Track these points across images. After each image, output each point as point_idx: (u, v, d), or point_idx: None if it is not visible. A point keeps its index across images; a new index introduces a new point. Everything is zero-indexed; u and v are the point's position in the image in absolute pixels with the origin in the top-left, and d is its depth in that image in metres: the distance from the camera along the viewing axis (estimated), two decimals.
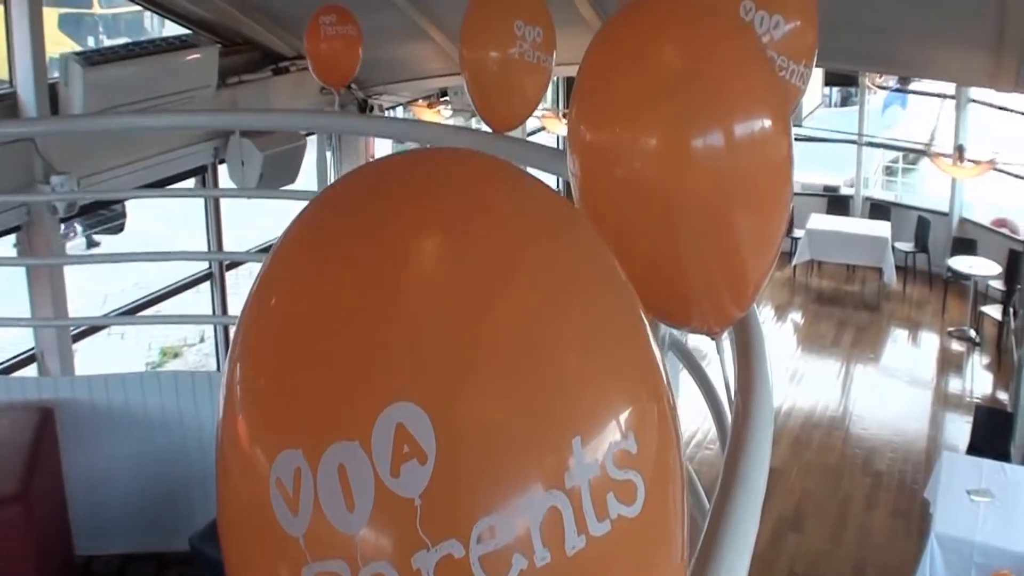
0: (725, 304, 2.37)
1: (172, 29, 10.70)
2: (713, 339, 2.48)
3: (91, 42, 19.54)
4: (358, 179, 1.28)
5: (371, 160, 1.30)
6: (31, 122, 7.93)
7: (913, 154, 20.71)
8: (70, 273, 9.19)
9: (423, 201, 1.17)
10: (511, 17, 5.19)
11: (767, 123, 2.20)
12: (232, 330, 8.24)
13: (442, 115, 13.71)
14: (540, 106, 5.84)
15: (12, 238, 8.44)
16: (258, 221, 12.77)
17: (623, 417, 1.14)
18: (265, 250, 11.33)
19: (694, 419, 10.41)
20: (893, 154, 21.43)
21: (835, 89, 24.70)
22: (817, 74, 16.16)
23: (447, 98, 13.69)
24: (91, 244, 19.25)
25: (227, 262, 10.88)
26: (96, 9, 18.60)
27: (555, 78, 14.12)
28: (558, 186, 8.14)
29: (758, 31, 3.44)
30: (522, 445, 1.07)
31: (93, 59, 8.49)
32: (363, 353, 1.07)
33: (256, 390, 1.14)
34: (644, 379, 1.22)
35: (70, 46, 18.27)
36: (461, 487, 1.04)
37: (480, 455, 1.05)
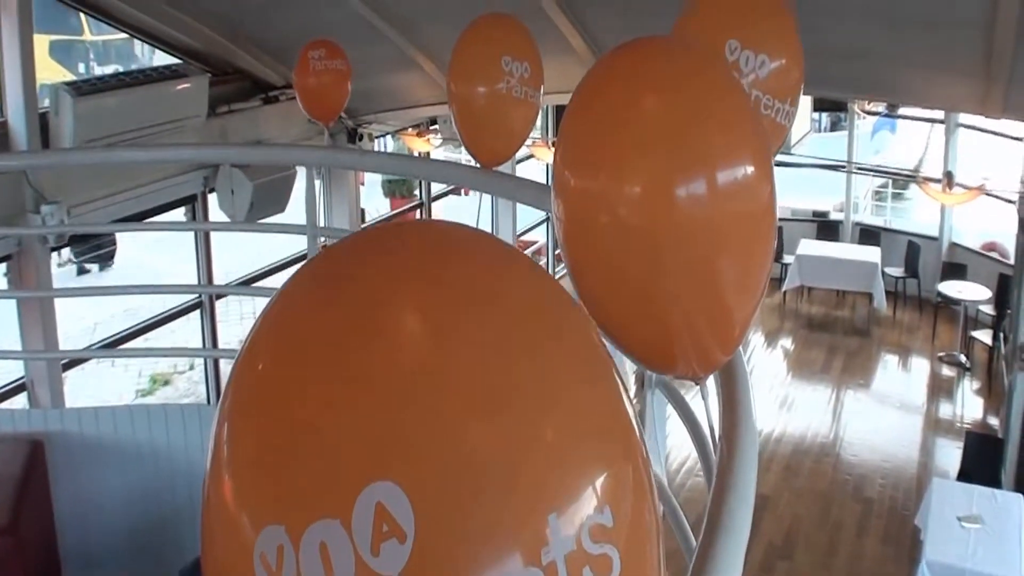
0: (710, 349, 2.37)
1: (162, 58, 10.72)
2: (698, 384, 2.49)
3: (82, 69, 19.56)
4: (338, 256, 1.29)
5: (343, 239, 1.30)
6: (21, 155, 7.93)
7: (903, 179, 20.78)
8: (60, 299, 9.18)
9: (401, 283, 1.19)
10: (499, 53, 5.21)
11: (750, 169, 2.22)
12: (222, 363, 8.26)
13: (431, 144, 13.74)
14: (529, 134, 5.86)
15: (2, 267, 8.43)
16: (249, 246, 12.80)
17: (598, 489, 1.16)
18: (254, 280, 11.41)
19: (685, 446, 10.39)
20: (883, 179, 21.50)
21: (824, 114, 24.81)
22: (805, 100, 16.24)
23: (436, 127, 13.71)
24: (82, 271, 19.26)
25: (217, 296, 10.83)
26: (87, 36, 18.62)
27: (545, 107, 14.19)
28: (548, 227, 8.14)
29: (743, 70, 3.47)
30: (500, 523, 1.08)
31: (83, 89, 8.49)
32: (344, 432, 1.09)
33: (242, 463, 1.15)
34: (618, 445, 1.24)
35: (61, 73, 18.29)
36: (440, 566, 1.05)
37: (458, 534, 1.06)
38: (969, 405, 14.25)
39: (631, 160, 2.18)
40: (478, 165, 5.51)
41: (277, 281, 12.63)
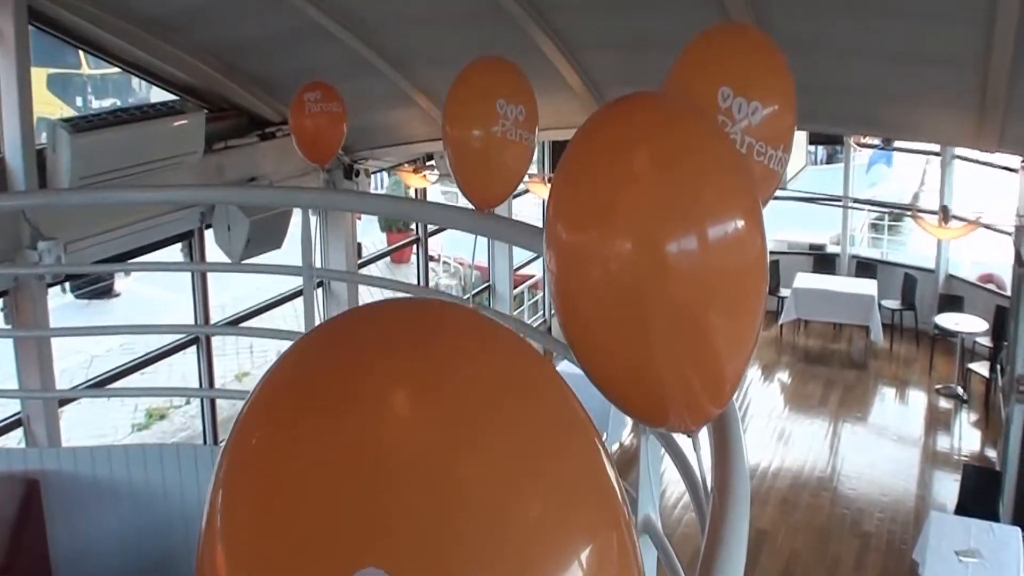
0: (702, 403, 2.38)
1: (160, 93, 10.75)
2: (690, 437, 2.49)
3: (79, 102, 19.62)
4: (326, 339, 1.30)
5: (335, 317, 1.32)
6: (18, 196, 7.95)
7: (899, 212, 20.84)
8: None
9: (385, 364, 1.19)
10: (494, 96, 5.23)
11: (740, 224, 2.23)
12: (218, 400, 8.24)
13: (428, 180, 13.74)
14: (524, 176, 5.88)
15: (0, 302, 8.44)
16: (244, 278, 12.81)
17: (584, 561, 1.17)
18: (250, 316, 11.41)
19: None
20: (879, 209, 21.56)
21: (820, 147, 24.91)
22: (801, 134, 16.29)
23: (432, 162, 13.72)
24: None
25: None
26: (85, 70, 18.69)
27: (542, 143, 14.22)
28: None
29: (736, 117, 3.48)
30: None
31: (80, 126, 8.51)
32: (334, 518, 1.09)
33: (233, 543, 1.15)
34: (602, 514, 1.25)
35: (58, 106, 18.37)
36: None
37: None
38: (967, 437, 14.24)
39: (622, 216, 2.19)
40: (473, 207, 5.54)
41: (272, 319, 12.67)
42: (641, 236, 2.17)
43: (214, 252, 10.56)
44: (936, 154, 17.97)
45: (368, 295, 20.19)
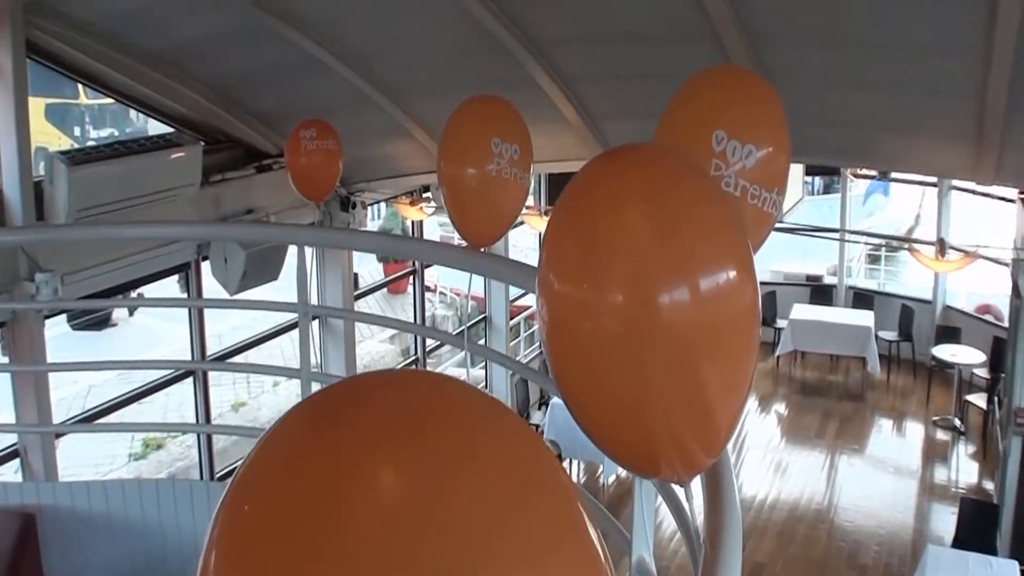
0: (694, 453, 2.37)
1: (157, 125, 10.78)
2: (682, 486, 2.49)
3: (77, 132, 19.66)
4: (322, 410, 1.32)
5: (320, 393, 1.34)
6: (15, 231, 7.97)
7: (896, 243, 20.87)
8: (55, 358, 9.16)
9: (380, 444, 1.21)
10: (489, 135, 5.24)
11: (732, 275, 2.23)
12: (214, 436, 8.23)
13: (425, 212, 13.74)
14: (519, 214, 5.89)
15: None
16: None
17: None
18: (246, 348, 11.41)
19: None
20: (876, 241, 21.60)
21: (817, 177, 24.97)
22: (797, 166, 16.34)
23: (429, 194, 13.74)
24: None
25: (210, 358, 10.84)
26: (83, 100, 18.74)
27: (538, 175, 14.25)
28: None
29: (730, 160, 3.49)
30: None
31: (77, 158, 8.52)
32: None
33: None
34: None
35: (56, 136, 18.41)
36: None
37: None
38: (964, 470, 14.24)
39: (614, 269, 2.19)
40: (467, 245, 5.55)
41: (269, 348, 12.66)
42: (632, 289, 2.17)
43: (210, 283, 10.57)
44: (933, 184, 18.00)
45: (366, 327, 20.23)
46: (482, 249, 5.50)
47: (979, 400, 15.28)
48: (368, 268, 21.92)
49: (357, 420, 1.25)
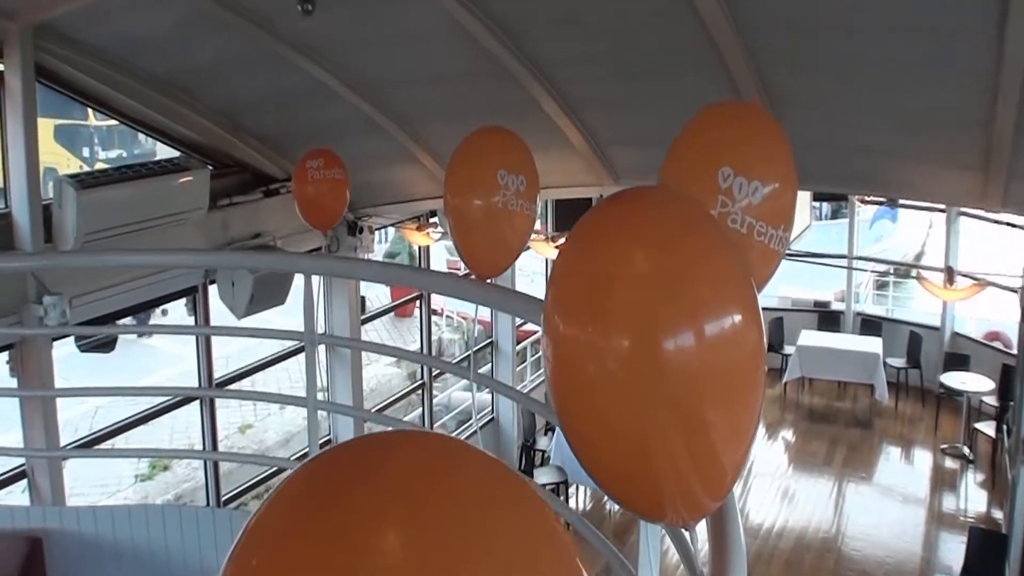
0: (699, 498, 2.36)
1: (165, 148, 10.80)
2: (687, 531, 2.47)
3: (85, 153, 19.71)
4: (325, 473, 1.33)
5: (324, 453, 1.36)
6: (23, 257, 8.01)
7: (903, 270, 20.85)
8: (62, 381, 9.18)
9: (385, 509, 1.21)
10: (495, 167, 5.25)
11: (737, 319, 2.22)
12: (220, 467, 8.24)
13: (431, 237, 13.74)
14: (525, 246, 5.89)
15: (4, 355, 8.44)
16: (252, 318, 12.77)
17: None
18: (252, 372, 11.41)
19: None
20: (884, 266, 21.57)
21: (825, 203, 24.96)
22: (805, 192, 16.32)
23: (435, 219, 13.74)
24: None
25: (217, 385, 10.83)
26: (91, 121, 18.79)
27: (545, 200, 14.25)
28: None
29: (736, 197, 3.48)
30: None
31: (86, 182, 8.55)
32: None
33: None
34: None
35: (65, 156, 18.45)
36: None
37: None
38: (973, 498, 14.16)
39: (620, 313, 2.19)
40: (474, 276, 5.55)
41: (276, 371, 12.67)
42: (638, 333, 2.16)
43: (218, 307, 10.57)
44: (941, 210, 17.97)
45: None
46: (488, 280, 5.51)
47: (988, 428, 15.23)
48: (375, 291, 21.93)
49: (367, 485, 1.25)
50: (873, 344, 17.31)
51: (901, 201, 19.52)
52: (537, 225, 16.90)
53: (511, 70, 8.48)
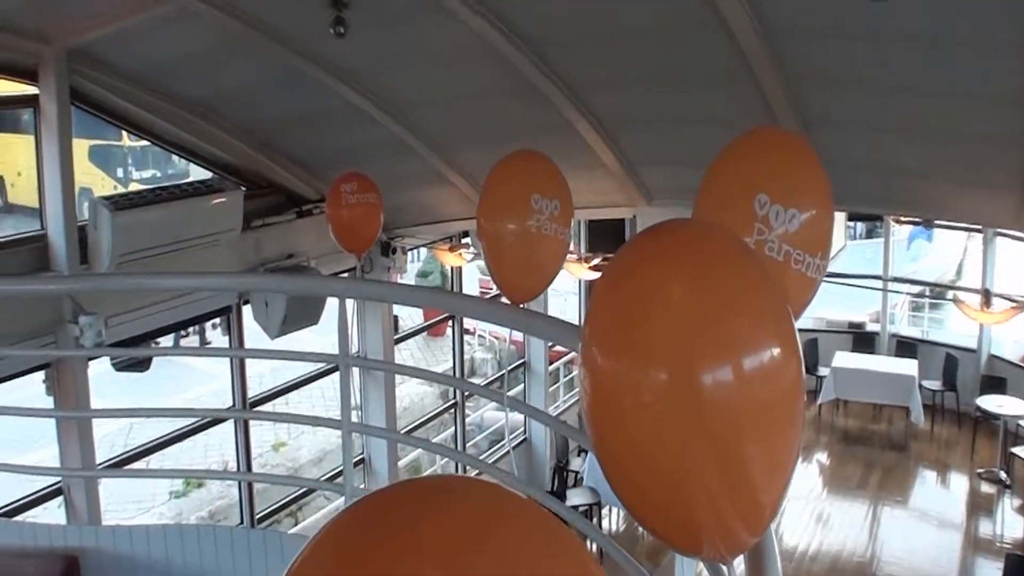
0: (737, 533, 2.33)
1: (198, 170, 10.86)
2: (725, 566, 2.44)
3: (120, 173, 19.84)
4: (364, 523, 1.33)
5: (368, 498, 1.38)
6: (57, 279, 8.09)
7: (939, 291, 20.68)
8: (97, 397, 9.25)
9: (427, 559, 1.21)
10: (528, 191, 5.24)
11: (776, 353, 2.19)
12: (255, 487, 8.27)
13: (464, 258, 13.73)
14: (559, 270, 5.89)
15: (41, 374, 8.51)
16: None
17: None
18: (286, 391, 11.45)
19: None
20: (919, 287, 21.40)
21: (860, 223, 24.85)
22: (840, 212, 16.23)
23: (468, 240, 13.74)
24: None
25: (251, 404, 10.88)
26: (125, 142, 18.91)
27: (577, 221, 14.24)
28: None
29: (773, 225, 3.45)
30: None
31: (120, 203, 8.62)
32: None
33: None
34: None
35: (99, 176, 18.59)
36: None
37: None
38: (1009, 524, 13.98)
39: (657, 346, 2.17)
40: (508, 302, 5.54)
41: (309, 390, 12.70)
42: (675, 367, 2.14)
43: (251, 327, 10.62)
44: (978, 230, 17.81)
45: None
46: (521, 304, 5.49)
47: None
48: (408, 311, 21.98)
49: (411, 532, 1.25)
50: (909, 366, 17.14)
51: (936, 221, 19.38)
52: (570, 246, 16.93)
53: (543, 90, 8.49)
